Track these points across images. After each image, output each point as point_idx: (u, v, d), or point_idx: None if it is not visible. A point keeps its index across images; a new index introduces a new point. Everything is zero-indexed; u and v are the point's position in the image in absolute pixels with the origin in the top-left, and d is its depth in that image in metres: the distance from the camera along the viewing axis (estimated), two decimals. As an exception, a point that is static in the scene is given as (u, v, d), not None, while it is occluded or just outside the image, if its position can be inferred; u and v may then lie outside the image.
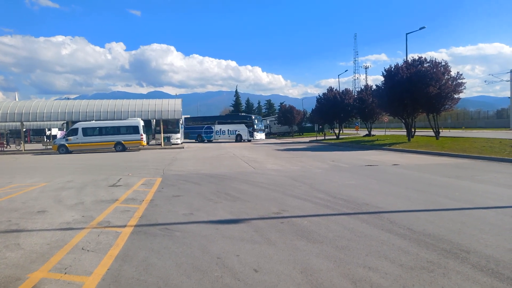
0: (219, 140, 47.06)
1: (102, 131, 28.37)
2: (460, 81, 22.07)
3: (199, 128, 48.07)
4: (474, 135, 27.03)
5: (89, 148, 28.07)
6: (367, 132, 37.03)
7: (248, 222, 6.09)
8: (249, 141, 44.45)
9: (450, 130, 40.69)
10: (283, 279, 3.80)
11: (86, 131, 27.95)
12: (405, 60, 25.42)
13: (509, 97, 45.70)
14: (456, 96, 22.27)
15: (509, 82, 43.83)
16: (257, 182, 10.43)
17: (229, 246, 4.85)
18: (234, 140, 45.55)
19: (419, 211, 6.61)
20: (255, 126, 45.19)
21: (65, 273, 4.08)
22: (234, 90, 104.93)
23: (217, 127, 46.86)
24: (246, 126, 45.31)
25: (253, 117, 47.00)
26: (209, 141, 46.74)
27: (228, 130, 46.32)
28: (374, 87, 30.08)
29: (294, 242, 4.98)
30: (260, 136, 46.55)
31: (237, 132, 45.65)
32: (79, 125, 28.22)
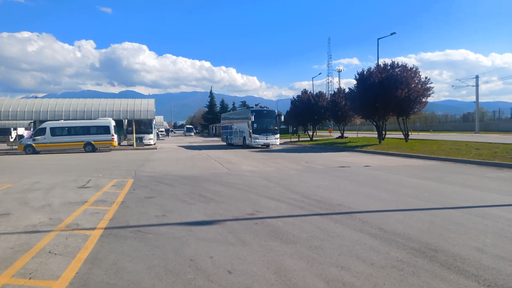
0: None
1: (71, 131, 27.45)
2: (428, 85, 22.85)
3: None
4: (442, 138, 28.04)
5: (58, 148, 27.09)
6: (340, 134, 37.66)
7: (222, 224, 6.04)
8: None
9: (419, 133, 42.01)
10: (257, 280, 3.79)
11: (55, 131, 26.96)
12: (377, 64, 26.06)
13: (474, 102, 47.72)
14: (424, 99, 23.04)
15: (474, 87, 45.75)
16: (232, 184, 10.39)
17: (203, 248, 4.79)
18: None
19: (389, 211, 6.78)
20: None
21: (30, 278, 3.91)
22: (209, 91, 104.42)
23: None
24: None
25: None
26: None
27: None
28: (347, 90, 30.64)
29: (268, 243, 4.98)
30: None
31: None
32: (47, 125, 27.19)
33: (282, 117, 30.49)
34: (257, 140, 28.54)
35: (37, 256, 4.59)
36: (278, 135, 29.71)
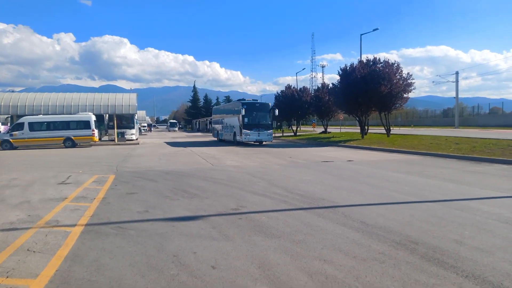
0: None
1: (50, 126, 26.78)
2: (410, 81, 23.25)
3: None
4: (422, 133, 28.58)
5: (36, 144, 26.41)
6: (323, 129, 37.96)
7: (206, 219, 6.01)
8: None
9: (400, 128, 42.72)
10: (240, 274, 3.79)
11: (33, 126, 26.25)
12: (359, 60, 26.32)
13: (454, 97, 48.83)
14: (406, 95, 23.45)
15: (454, 83, 46.76)
16: (216, 179, 10.35)
17: (186, 244, 4.76)
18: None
19: (371, 205, 6.88)
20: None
21: (7, 277, 3.80)
22: (192, 86, 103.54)
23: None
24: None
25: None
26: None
27: None
28: (330, 85, 30.85)
29: (252, 237, 4.99)
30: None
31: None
32: (25, 120, 26.45)
33: (276, 111, 27.93)
34: (248, 136, 25.85)
35: (14, 254, 4.47)
36: (271, 131, 27.17)
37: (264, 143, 27.18)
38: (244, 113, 25.56)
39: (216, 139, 34.07)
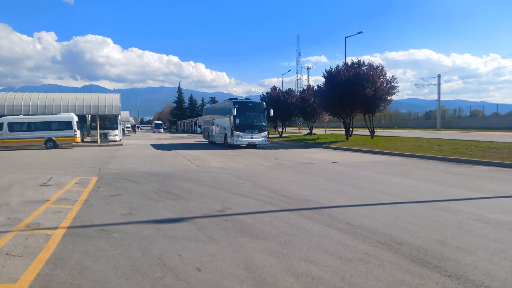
0: None
1: (31, 126, 26.17)
2: (393, 84, 23.62)
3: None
4: (405, 134, 29.04)
5: (16, 144, 25.75)
6: (308, 131, 38.22)
7: (191, 221, 5.96)
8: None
9: (384, 130, 43.37)
10: (226, 277, 3.76)
11: (13, 127, 25.59)
12: (344, 62, 26.61)
13: (436, 100, 49.85)
14: (389, 98, 23.82)
15: (436, 86, 47.75)
16: (201, 180, 10.28)
17: (171, 246, 4.70)
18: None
19: (356, 206, 6.95)
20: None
21: (-15, 282, 3.68)
22: (177, 86, 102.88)
23: None
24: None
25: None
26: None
27: None
28: (315, 87, 31.09)
29: (238, 239, 4.96)
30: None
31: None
32: (5, 120, 25.77)
33: (271, 111, 25.41)
34: (240, 138, 23.63)
35: (-7, 258, 4.33)
36: (266, 133, 24.95)
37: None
38: (235, 113, 23.44)
39: (207, 141, 32.33)
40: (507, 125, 42.18)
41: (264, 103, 26.25)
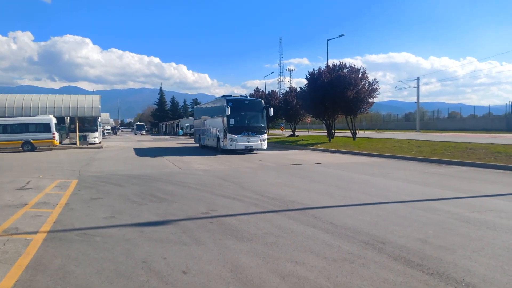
0: None
1: (7, 128, 25.38)
2: (374, 86, 24.01)
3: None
4: (386, 136, 29.56)
5: (-8, 147, 24.97)
6: (291, 133, 38.43)
7: (175, 223, 5.90)
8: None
9: (365, 132, 44.01)
10: (213, 279, 3.74)
11: (-12, 129, 24.82)
12: (326, 65, 26.89)
13: (415, 102, 50.97)
14: (371, 100, 24.19)
15: (415, 88, 48.85)
16: (184, 183, 10.19)
17: (156, 249, 4.64)
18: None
19: (340, 206, 7.03)
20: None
21: (-39, 290, 3.55)
22: (158, 88, 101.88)
23: None
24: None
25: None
26: None
27: None
28: (298, 89, 31.32)
29: (223, 241, 4.94)
30: None
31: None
32: (-21, 122, 24.96)
33: (271, 110, 22.28)
34: (235, 142, 20.30)
35: (-31, 265, 4.18)
36: (265, 136, 21.54)
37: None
38: (229, 113, 20.00)
39: (198, 145, 28.69)
40: (484, 126, 43.54)
41: (262, 101, 23.09)
